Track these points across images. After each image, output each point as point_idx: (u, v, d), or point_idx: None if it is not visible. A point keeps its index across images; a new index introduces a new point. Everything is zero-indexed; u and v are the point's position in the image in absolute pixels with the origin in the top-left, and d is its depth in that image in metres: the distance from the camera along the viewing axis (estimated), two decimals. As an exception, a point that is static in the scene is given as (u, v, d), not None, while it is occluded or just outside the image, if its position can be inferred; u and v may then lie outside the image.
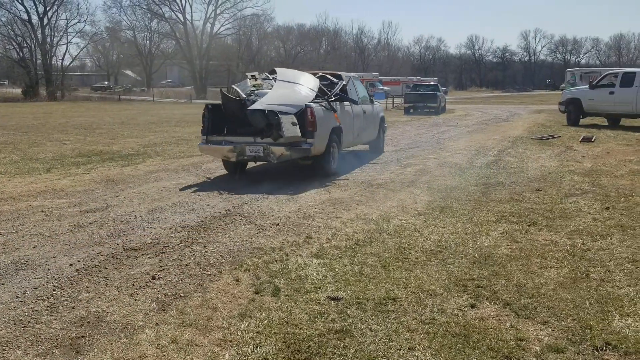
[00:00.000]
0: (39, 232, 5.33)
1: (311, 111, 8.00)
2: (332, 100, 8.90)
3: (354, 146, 10.79)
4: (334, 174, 8.64)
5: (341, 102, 9.26)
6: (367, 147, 11.66)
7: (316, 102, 8.45)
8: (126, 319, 3.38)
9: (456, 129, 17.76)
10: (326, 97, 8.88)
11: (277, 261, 4.43)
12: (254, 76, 9.50)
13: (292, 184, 7.83)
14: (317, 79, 9.34)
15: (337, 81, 9.70)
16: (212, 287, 3.90)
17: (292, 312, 3.44)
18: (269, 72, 9.89)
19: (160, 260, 4.49)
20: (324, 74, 10.06)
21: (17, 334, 3.21)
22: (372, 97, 11.51)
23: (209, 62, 64.62)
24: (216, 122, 8.48)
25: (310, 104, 8.16)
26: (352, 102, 9.70)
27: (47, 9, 55.59)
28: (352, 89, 10.00)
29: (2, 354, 2.98)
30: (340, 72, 10.41)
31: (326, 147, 8.36)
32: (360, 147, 11.60)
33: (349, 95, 9.66)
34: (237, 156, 8.09)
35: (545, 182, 7.75)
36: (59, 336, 3.18)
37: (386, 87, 47.78)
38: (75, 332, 3.22)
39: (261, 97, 8.52)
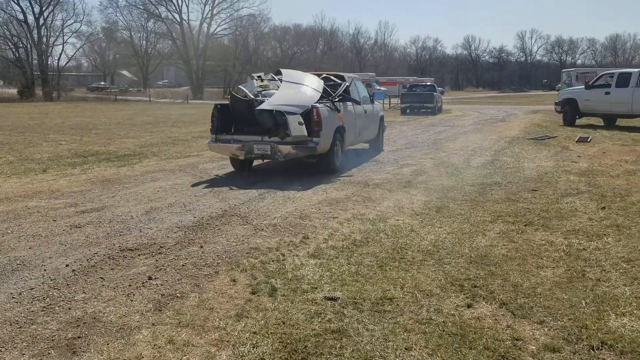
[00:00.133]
0: (35, 233, 5.31)
1: (317, 111, 8.24)
2: (336, 100, 9.15)
3: (355, 144, 10.96)
4: (337, 171, 8.87)
5: (344, 103, 9.50)
6: (367, 146, 11.89)
7: (321, 103, 8.69)
8: (122, 320, 3.38)
9: (453, 129, 17.78)
10: (330, 98, 9.10)
11: (273, 261, 4.43)
12: (260, 77, 9.69)
13: (292, 184, 7.83)
14: (322, 80, 9.54)
15: (341, 82, 9.97)
16: (209, 287, 3.90)
17: (289, 313, 3.44)
18: (275, 73, 10.15)
19: (156, 260, 4.49)
20: (327, 75, 10.30)
21: (13, 334, 3.20)
22: (372, 97, 11.70)
23: (206, 63, 64.59)
24: (224, 122, 8.75)
25: (316, 104, 8.41)
26: (354, 102, 9.96)
27: (43, 9, 55.55)
28: (354, 90, 10.27)
29: (-2, 354, 2.97)
30: (343, 74, 10.69)
31: (330, 145, 8.61)
32: (359, 146, 11.69)
33: (352, 95, 9.91)
34: (245, 154, 8.39)
35: (541, 182, 7.78)
36: (55, 337, 3.17)
37: (383, 88, 47.75)
38: (71, 333, 3.21)
39: (268, 97, 8.78)
